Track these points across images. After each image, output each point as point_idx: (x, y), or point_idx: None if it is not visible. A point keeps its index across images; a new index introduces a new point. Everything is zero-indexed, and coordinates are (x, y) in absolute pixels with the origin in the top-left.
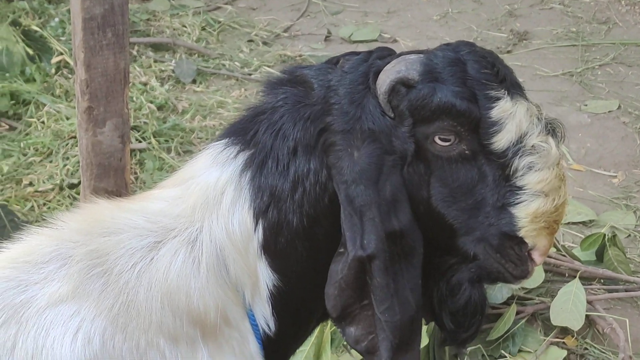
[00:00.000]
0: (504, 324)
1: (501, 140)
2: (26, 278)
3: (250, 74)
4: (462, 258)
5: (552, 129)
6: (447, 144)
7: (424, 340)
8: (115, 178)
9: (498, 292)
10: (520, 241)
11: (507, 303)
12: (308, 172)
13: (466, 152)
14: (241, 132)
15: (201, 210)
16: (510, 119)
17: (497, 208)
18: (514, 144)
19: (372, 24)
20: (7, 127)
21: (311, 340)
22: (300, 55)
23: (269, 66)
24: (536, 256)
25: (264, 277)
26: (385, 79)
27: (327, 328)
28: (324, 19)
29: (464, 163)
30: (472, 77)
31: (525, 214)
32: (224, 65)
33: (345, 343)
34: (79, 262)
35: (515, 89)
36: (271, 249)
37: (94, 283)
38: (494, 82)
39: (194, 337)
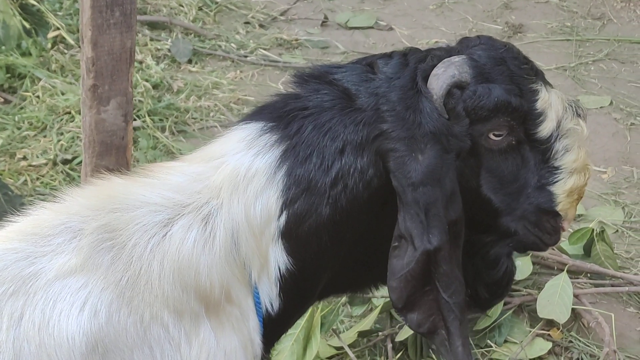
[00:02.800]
0: (491, 314)
1: (545, 129)
2: (34, 250)
3: (246, 56)
4: (500, 235)
5: (577, 110)
6: (499, 138)
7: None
8: (117, 156)
9: None
10: (556, 214)
11: None
12: (354, 170)
13: (513, 142)
14: (279, 121)
15: (225, 192)
16: (549, 108)
17: (537, 188)
18: (554, 130)
19: (368, 11)
20: (2, 100)
21: (301, 324)
22: (296, 39)
23: (264, 49)
24: (565, 224)
25: (277, 260)
26: (440, 84)
27: (318, 312)
28: (320, 4)
29: (511, 152)
30: (515, 73)
31: (563, 190)
32: (220, 46)
33: (334, 328)
34: (89, 236)
35: (544, 80)
36: (292, 236)
37: (104, 256)
38: (532, 76)
39: (198, 312)
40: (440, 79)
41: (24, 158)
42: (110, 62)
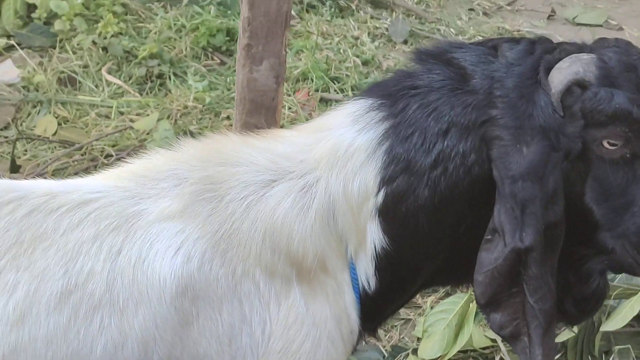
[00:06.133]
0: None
1: None
2: (141, 191)
3: None
4: (597, 250)
5: None
6: (613, 148)
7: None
8: (266, 116)
9: None
10: None
11: None
12: (455, 154)
13: (627, 155)
14: (388, 99)
15: (325, 164)
16: None
17: None
18: None
19: (600, 9)
20: (219, 61)
21: (455, 310)
22: (518, 31)
23: (483, 36)
24: None
25: (373, 237)
26: (561, 79)
27: (474, 301)
28: None
29: (623, 165)
30: None
31: None
32: (438, 30)
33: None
34: (193, 185)
35: None
36: (389, 215)
37: (204, 206)
38: None
39: (289, 276)
40: (563, 73)
41: (227, 118)
42: (266, 24)
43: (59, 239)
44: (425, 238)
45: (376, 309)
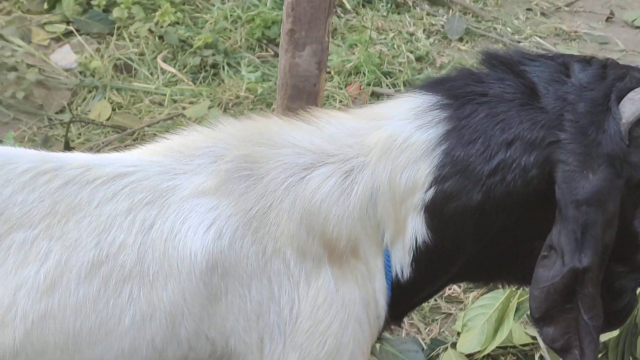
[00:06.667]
0: None
1: None
2: (176, 167)
3: (519, 42)
4: (632, 268)
5: None
6: None
7: (614, 333)
8: (307, 101)
9: None
10: None
11: None
12: (516, 166)
13: None
14: (455, 100)
15: (377, 152)
16: None
17: None
18: None
19: None
20: (273, 53)
21: (495, 305)
22: (575, 32)
23: (540, 37)
24: None
25: (415, 230)
26: (633, 110)
27: (515, 297)
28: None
29: None
30: None
31: None
32: (495, 28)
33: (528, 313)
34: (229, 162)
35: None
36: (436, 212)
37: (238, 184)
38: None
39: (321, 257)
40: (635, 105)
41: None
42: (309, 10)
43: (93, 211)
44: (468, 237)
45: (405, 297)
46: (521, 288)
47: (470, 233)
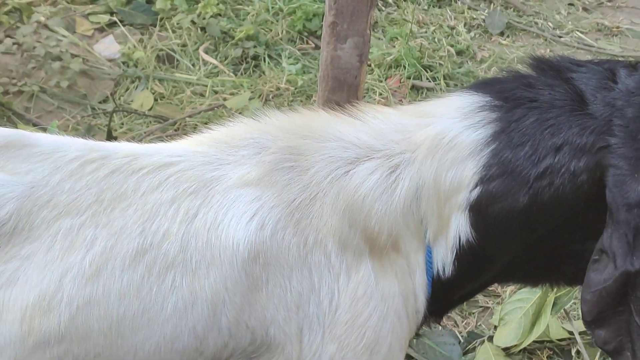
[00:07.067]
0: None
1: None
2: (220, 157)
3: (560, 36)
4: None
5: None
6: None
7: None
8: (348, 94)
9: None
10: None
11: None
12: (565, 170)
13: None
14: (505, 102)
15: (424, 149)
16: None
17: None
18: None
19: None
20: (313, 45)
21: (533, 299)
22: (617, 27)
23: (582, 32)
24: None
25: (459, 229)
26: None
27: (553, 292)
28: None
29: None
30: None
31: None
32: (536, 23)
33: (567, 310)
34: (273, 154)
35: None
36: (481, 212)
37: (282, 175)
38: None
39: (362, 250)
40: None
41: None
42: (352, 2)
43: (138, 200)
44: (512, 238)
45: (445, 294)
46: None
47: (515, 234)
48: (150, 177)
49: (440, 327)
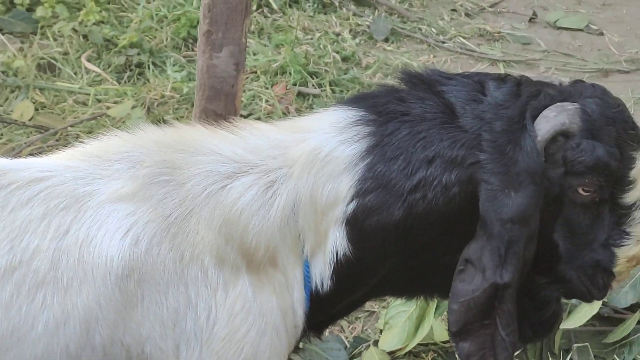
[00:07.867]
0: (624, 329)
1: (631, 197)
2: (93, 172)
3: (443, 42)
4: (553, 279)
5: None
6: (586, 194)
7: None
8: (225, 102)
9: (622, 297)
10: (611, 273)
11: (631, 309)
12: (437, 183)
13: (596, 199)
14: (379, 116)
15: (300, 164)
16: None
17: (603, 246)
18: (638, 199)
19: (582, 14)
20: None
21: (416, 303)
22: (499, 32)
23: (464, 37)
24: (614, 283)
25: (336, 243)
26: (548, 128)
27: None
28: (534, 1)
29: (590, 207)
30: (621, 137)
31: (625, 255)
32: (420, 29)
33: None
34: (148, 167)
35: None
36: (357, 225)
37: (157, 189)
38: (635, 143)
39: (239, 265)
40: (550, 122)
41: None
42: (226, 11)
43: (7, 216)
44: (389, 251)
45: (324, 308)
46: None
47: (391, 247)
48: (20, 193)
49: (326, 333)
